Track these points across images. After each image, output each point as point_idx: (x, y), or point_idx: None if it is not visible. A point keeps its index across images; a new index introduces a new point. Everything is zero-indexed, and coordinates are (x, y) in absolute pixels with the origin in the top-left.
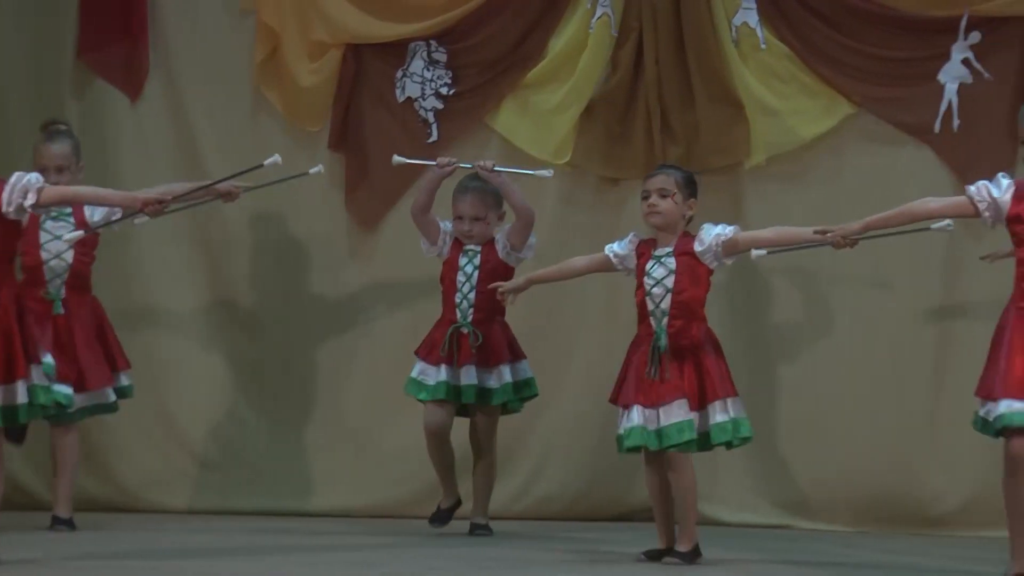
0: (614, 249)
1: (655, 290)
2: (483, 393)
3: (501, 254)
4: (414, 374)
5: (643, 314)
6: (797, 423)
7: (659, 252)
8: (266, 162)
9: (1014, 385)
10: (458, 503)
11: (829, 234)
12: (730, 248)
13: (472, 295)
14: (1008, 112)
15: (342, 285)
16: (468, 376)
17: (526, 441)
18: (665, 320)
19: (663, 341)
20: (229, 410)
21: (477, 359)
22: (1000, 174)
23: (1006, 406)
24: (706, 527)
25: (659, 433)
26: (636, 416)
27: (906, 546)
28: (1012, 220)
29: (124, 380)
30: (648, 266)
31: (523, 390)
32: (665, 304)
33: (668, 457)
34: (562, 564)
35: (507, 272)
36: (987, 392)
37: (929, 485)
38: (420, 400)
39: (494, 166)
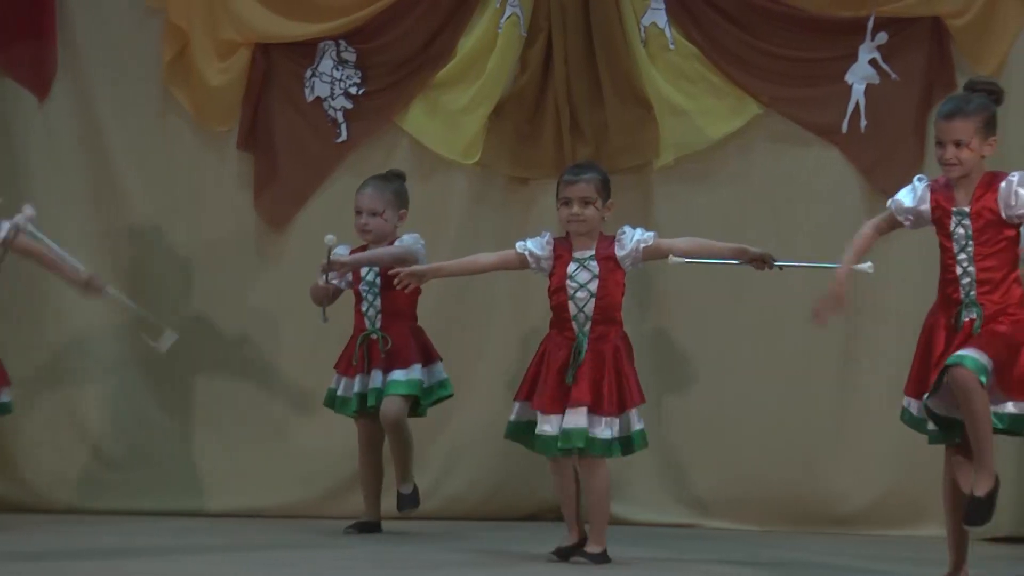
0: (528, 247)
1: (579, 295)
2: (392, 384)
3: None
4: (339, 392)
5: (563, 318)
6: (705, 422)
7: (580, 256)
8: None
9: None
10: (377, 525)
11: (751, 255)
12: (650, 254)
13: (377, 302)
14: (914, 112)
15: (251, 285)
16: (375, 380)
17: (436, 441)
18: (588, 325)
19: (585, 346)
20: (137, 411)
21: (386, 364)
22: (916, 178)
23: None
24: (614, 526)
25: (562, 434)
26: (550, 425)
27: (813, 545)
28: (935, 224)
29: (4, 397)
30: (571, 270)
31: (437, 391)
32: (588, 309)
33: (584, 461)
34: (472, 564)
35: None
36: (913, 391)
37: (836, 484)
38: (346, 415)
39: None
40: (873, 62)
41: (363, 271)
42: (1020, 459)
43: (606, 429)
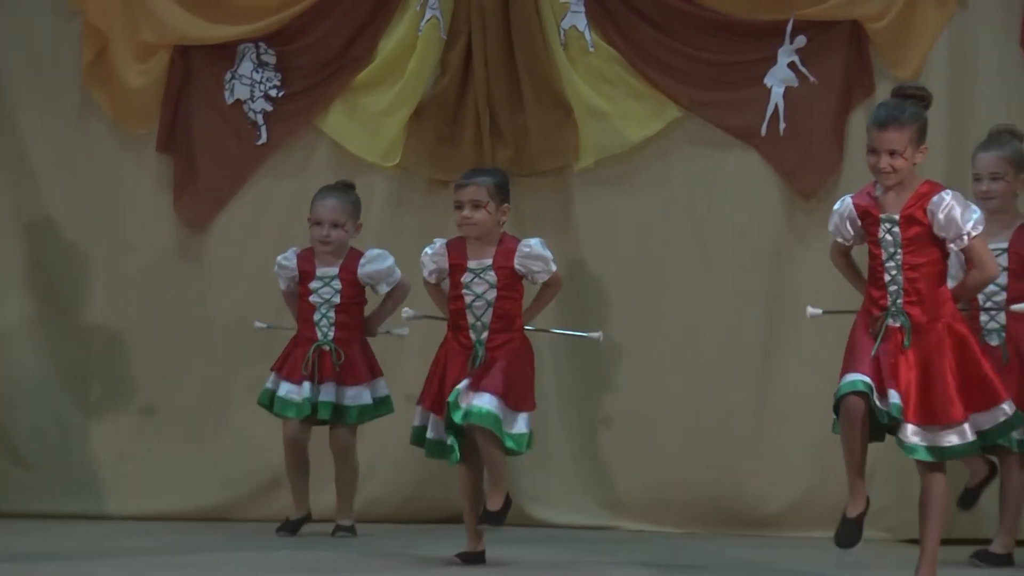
0: (428, 271)
1: (475, 304)
2: (339, 410)
3: (364, 281)
4: (280, 393)
5: (460, 325)
6: (624, 425)
7: (477, 266)
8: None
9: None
10: (307, 518)
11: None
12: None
13: (332, 314)
14: (833, 115)
15: (171, 287)
16: (327, 393)
17: (356, 444)
18: (485, 334)
19: (482, 355)
20: (54, 412)
21: (337, 377)
22: (836, 204)
23: (844, 380)
24: (534, 528)
25: (465, 412)
26: (436, 431)
27: (732, 547)
28: (865, 226)
29: None
30: (466, 280)
31: (380, 408)
32: (486, 318)
33: (478, 437)
34: (383, 568)
35: (363, 292)
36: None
37: (755, 486)
38: (284, 417)
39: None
40: (792, 65)
41: (316, 285)
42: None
43: (507, 421)
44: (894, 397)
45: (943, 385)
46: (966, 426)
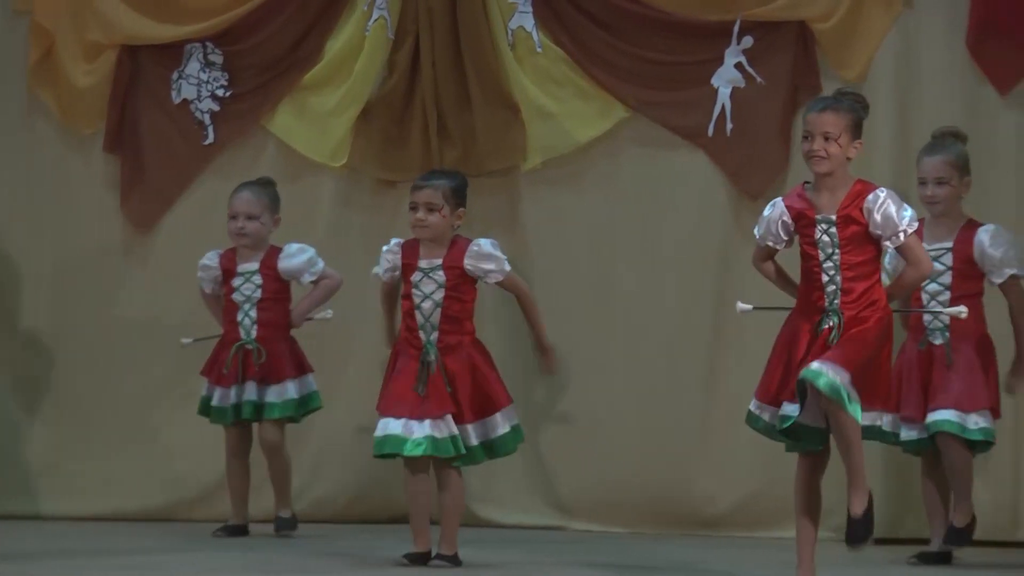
0: (383, 268)
1: (424, 304)
2: (261, 408)
3: (284, 276)
4: (213, 401)
5: (411, 326)
6: (572, 425)
7: (427, 265)
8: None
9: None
10: (244, 529)
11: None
12: (501, 284)
13: (253, 312)
14: (780, 115)
15: (117, 287)
16: (249, 392)
17: (302, 444)
18: (435, 335)
19: (432, 356)
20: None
21: (259, 375)
22: (764, 211)
23: (788, 409)
24: (481, 529)
25: (433, 443)
26: (394, 425)
27: (680, 547)
28: (799, 228)
29: None
30: (416, 279)
31: (308, 403)
32: (435, 318)
33: (440, 473)
34: (329, 569)
35: (288, 289)
36: (760, 395)
37: (702, 486)
38: (222, 424)
39: None
40: (739, 66)
41: (237, 282)
42: (885, 463)
43: (472, 437)
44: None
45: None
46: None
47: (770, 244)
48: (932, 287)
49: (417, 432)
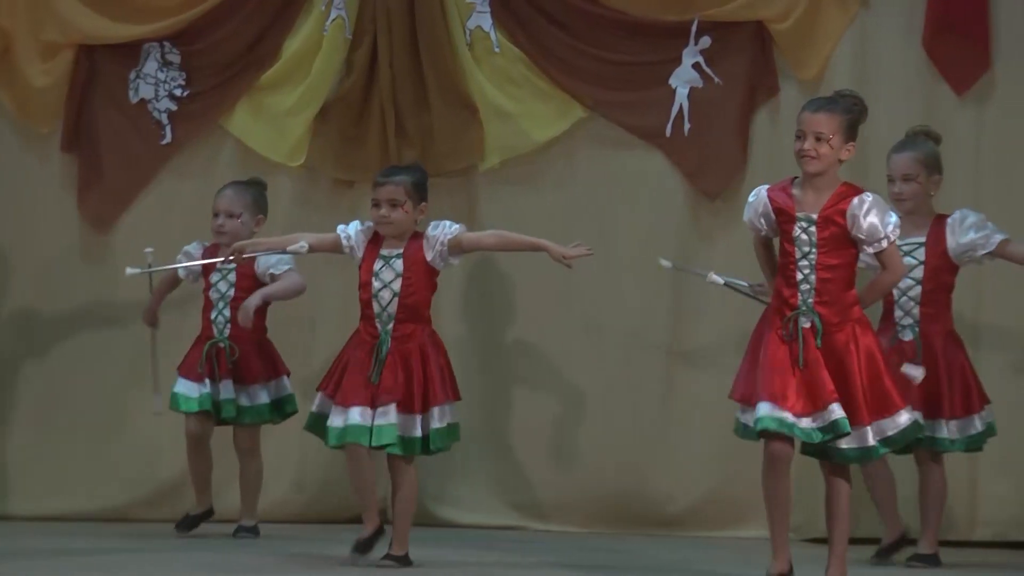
0: (348, 231)
1: (382, 293)
2: (240, 410)
3: (259, 275)
4: (180, 390)
5: (367, 314)
6: (531, 425)
7: (387, 253)
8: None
9: (762, 388)
10: (209, 512)
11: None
12: (455, 248)
13: (227, 311)
14: (737, 116)
15: (75, 286)
16: (226, 391)
17: (262, 444)
18: (391, 324)
19: (387, 345)
20: None
21: (234, 375)
22: (750, 196)
23: (758, 409)
24: (439, 528)
25: (371, 431)
26: (356, 415)
27: (639, 547)
28: (779, 222)
29: None
30: (376, 267)
31: (284, 407)
32: (392, 308)
33: (393, 463)
34: (288, 568)
35: (259, 286)
36: (740, 395)
37: (660, 486)
38: (183, 412)
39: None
40: (697, 66)
41: (215, 278)
42: None
43: (416, 428)
44: (836, 412)
45: (853, 389)
46: (868, 430)
47: (756, 229)
48: (904, 282)
49: (379, 420)
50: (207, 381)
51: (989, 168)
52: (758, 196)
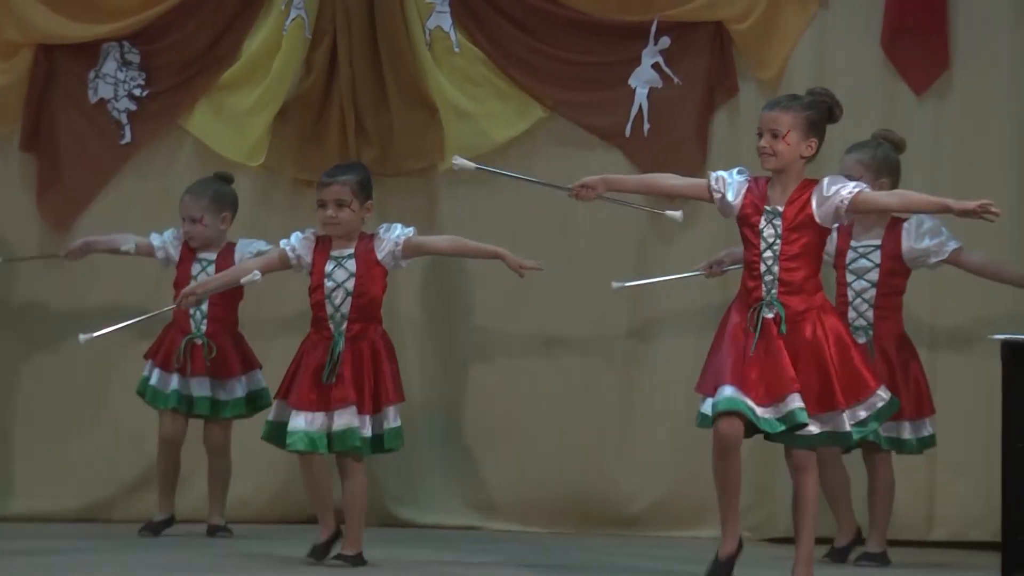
0: (291, 243)
1: (335, 294)
2: (215, 405)
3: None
4: (152, 381)
5: (320, 317)
6: (491, 425)
7: (338, 253)
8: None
9: (725, 375)
10: (171, 520)
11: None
12: (410, 250)
13: (205, 306)
14: (696, 116)
15: (34, 286)
16: (201, 387)
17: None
18: (344, 325)
19: (341, 346)
20: None
21: (210, 370)
22: (736, 170)
23: (719, 392)
24: (399, 529)
25: (330, 436)
26: (303, 421)
27: (599, 546)
28: (741, 221)
29: None
30: (328, 269)
31: (257, 400)
32: (345, 308)
33: (344, 463)
34: (249, 568)
35: (238, 287)
36: (708, 389)
37: (621, 486)
38: (155, 407)
39: None
40: (656, 66)
41: (195, 270)
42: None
43: (367, 427)
44: (794, 403)
45: (826, 375)
46: (844, 416)
47: (717, 193)
48: (859, 284)
49: (339, 423)
50: (177, 376)
51: (947, 168)
52: (739, 189)
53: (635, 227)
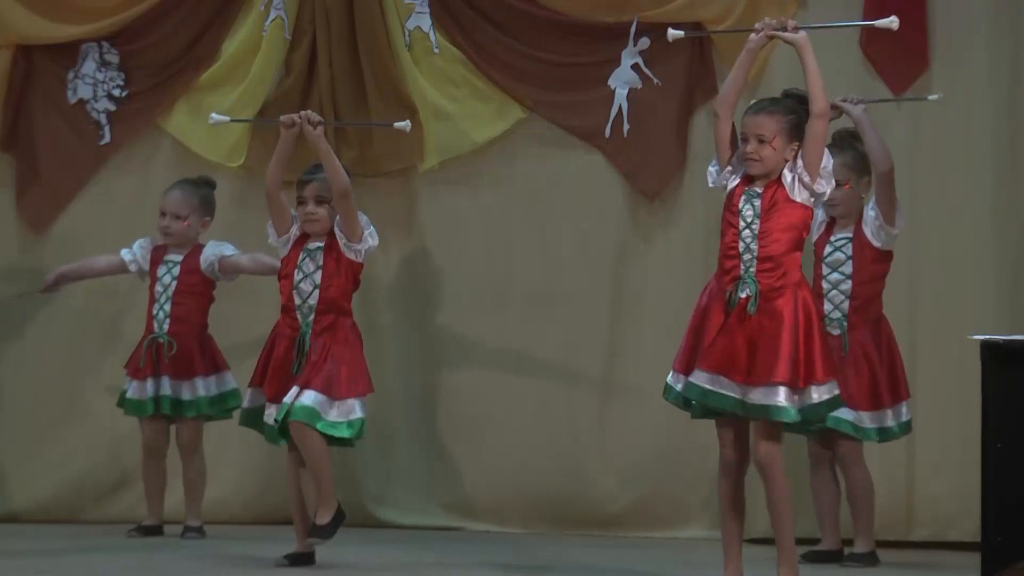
0: (278, 240)
1: (303, 285)
2: (178, 404)
3: (204, 268)
4: (128, 393)
5: (288, 306)
6: (469, 424)
7: (311, 246)
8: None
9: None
10: (160, 528)
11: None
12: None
13: (168, 306)
14: (676, 116)
15: (13, 288)
16: (164, 387)
17: (203, 441)
18: (312, 316)
19: (308, 338)
20: None
21: (172, 370)
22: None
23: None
24: (377, 530)
25: (287, 411)
26: (275, 411)
27: (577, 547)
28: (729, 200)
29: None
30: (299, 259)
31: (227, 401)
32: (313, 300)
33: (297, 430)
34: (225, 570)
35: (208, 286)
36: (683, 367)
37: (600, 486)
38: (137, 416)
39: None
40: (636, 67)
41: (161, 271)
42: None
43: (333, 413)
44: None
45: (774, 344)
46: (782, 389)
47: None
48: (834, 276)
49: (301, 400)
50: (149, 381)
51: (925, 168)
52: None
53: (615, 229)
